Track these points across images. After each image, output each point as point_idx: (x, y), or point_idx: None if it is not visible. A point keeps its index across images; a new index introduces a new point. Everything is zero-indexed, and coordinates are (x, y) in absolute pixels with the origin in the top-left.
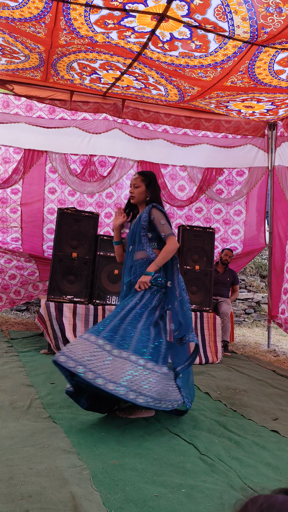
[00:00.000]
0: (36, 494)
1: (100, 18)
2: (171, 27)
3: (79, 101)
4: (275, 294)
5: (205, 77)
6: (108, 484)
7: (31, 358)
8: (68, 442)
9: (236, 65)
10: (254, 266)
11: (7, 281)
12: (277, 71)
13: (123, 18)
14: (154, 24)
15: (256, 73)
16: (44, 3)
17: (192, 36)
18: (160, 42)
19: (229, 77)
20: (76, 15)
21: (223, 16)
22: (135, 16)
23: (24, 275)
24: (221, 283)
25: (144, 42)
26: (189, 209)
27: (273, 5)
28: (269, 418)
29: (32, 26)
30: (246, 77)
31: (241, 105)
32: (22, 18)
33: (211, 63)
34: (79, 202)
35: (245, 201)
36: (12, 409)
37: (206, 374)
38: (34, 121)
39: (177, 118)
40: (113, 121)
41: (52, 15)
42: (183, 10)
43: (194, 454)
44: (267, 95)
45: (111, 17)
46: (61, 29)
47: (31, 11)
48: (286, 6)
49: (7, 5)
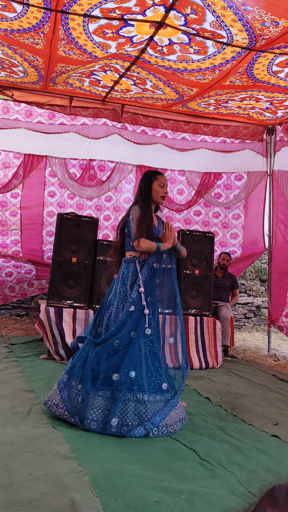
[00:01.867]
0: (35, 500)
1: (99, 27)
2: (170, 34)
3: (79, 107)
4: (275, 298)
5: (204, 79)
6: (108, 490)
7: (30, 363)
8: (67, 447)
9: (234, 67)
10: (254, 270)
11: (3, 278)
12: (275, 71)
13: (122, 28)
14: (152, 32)
15: (254, 74)
16: (42, 13)
17: (190, 42)
18: (158, 47)
19: (227, 77)
20: (75, 25)
21: (220, 27)
22: (133, 25)
23: (21, 273)
24: (221, 288)
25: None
26: (187, 213)
27: (269, 20)
28: (270, 423)
29: (30, 37)
30: (244, 77)
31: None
32: (21, 29)
33: (210, 66)
34: (78, 205)
35: (244, 205)
36: (12, 414)
37: (207, 378)
38: (34, 127)
39: (176, 123)
40: (113, 126)
41: (51, 24)
42: (180, 21)
43: (195, 459)
44: (265, 94)
45: (110, 26)
46: (60, 39)
47: (29, 21)
48: (282, 20)
49: (5, 17)
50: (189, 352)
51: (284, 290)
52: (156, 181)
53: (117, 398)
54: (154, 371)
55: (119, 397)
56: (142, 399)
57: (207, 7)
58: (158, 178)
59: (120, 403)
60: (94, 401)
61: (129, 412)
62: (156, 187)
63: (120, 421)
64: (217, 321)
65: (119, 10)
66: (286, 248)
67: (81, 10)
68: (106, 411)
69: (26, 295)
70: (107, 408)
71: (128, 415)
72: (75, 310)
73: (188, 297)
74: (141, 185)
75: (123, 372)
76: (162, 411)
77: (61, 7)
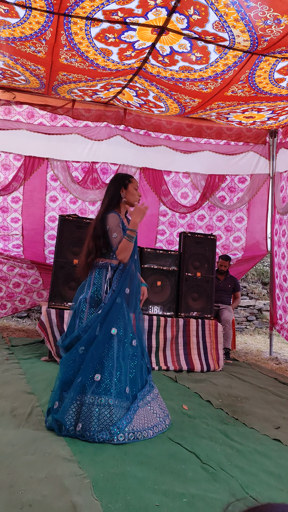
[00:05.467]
0: (36, 503)
1: (101, 31)
2: (171, 40)
3: (81, 109)
4: (277, 301)
5: (206, 89)
6: (109, 492)
7: (32, 365)
8: (68, 450)
9: (236, 74)
10: (256, 273)
11: (11, 289)
12: (277, 80)
13: (124, 32)
14: (154, 38)
15: (256, 82)
16: (45, 17)
17: (192, 49)
18: (160, 56)
19: (229, 87)
20: (77, 29)
21: (222, 29)
22: (135, 29)
23: (28, 283)
24: (222, 290)
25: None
26: (191, 217)
27: (271, 18)
28: (271, 426)
29: (32, 46)
30: (246, 86)
31: (241, 116)
32: (22, 36)
33: (212, 75)
34: (81, 210)
35: (247, 208)
36: (13, 416)
37: (208, 381)
38: (36, 128)
39: (178, 126)
40: (115, 127)
41: (53, 29)
42: (182, 23)
43: (196, 463)
44: (267, 104)
45: (112, 30)
46: (62, 45)
47: (32, 26)
48: (284, 17)
49: (8, 23)
50: (191, 354)
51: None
52: (131, 183)
53: (83, 402)
54: (122, 373)
55: (84, 401)
56: (107, 402)
57: (210, 5)
58: (133, 181)
59: (85, 407)
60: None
61: (93, 416)
62: (132, 190)
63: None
64: (219, 324)
65: (122, 12)
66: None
67: (84, 13)
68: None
69: (35, 304)
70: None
71: (92, 419)
72: None
73: (189, 300)
74: (116, 188)
75: (87, 375)
76: (127, 416)
77: (64, 10)
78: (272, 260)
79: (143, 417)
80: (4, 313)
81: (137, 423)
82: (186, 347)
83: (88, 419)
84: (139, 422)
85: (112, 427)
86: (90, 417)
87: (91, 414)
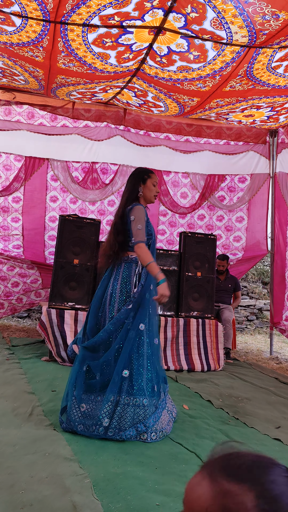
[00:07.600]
0: (37, 503)
1: (98, 37)
2: (168, 40)
3: (81, 109)
4: (278, 301)
5: (204, 87)
6: (109, 492)
7: (32, 365)
8: (69, 450)
9: (234, 70)
10: (256, 272)
11: (9, 289)
12: (275, 67)
13: (121, 35)
14: (151, 39)
15: (254, 74)
16: (41, 26)
17: (189, 48)
18: (158, 57)
19: (228, 82)
20: (74, 36)
21: (220, 26)
22: (132, 32)
23: (27, 283)
24: (223, 290)
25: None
26: (191, 217)
27: (269, 13)
28: (272, 426)
29: (30, 51)
30: (244, 79)
31: (241, 116)
32: (20, 42)
33: (210, 73)
34: (81, 210)
35: (247, 207)
36: (14, 416)
37: (209, 381)
38: (36, 128)
39: (178, 126)
40: (115, 128)
41: (50, 37)
42: (180, 22)
43: (197, 463)
44: (266, 100)
45: (109, 35)
46: (59, 52)
47: (29, 35)
48: (283, 13)
49: (5, 30)
50: (191, 354)
51: (282, 294)
52: (150, 179)
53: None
54: (150, 372)
55: (119, 401)
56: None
57: (207, 3)
58: (152, 176)
59: (119, 407)
60: None
61: (127, 416)
62: (150, 185)
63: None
64: (219, 324)
65: (118, 16)
66: (282, 251)
67: (80, 20)
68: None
69: (34, 304)
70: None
71: (126, 420)
72: (77, 312)
73: (190, 300)
74: (134, 183)
75: (118, 372)
76: (155, 414)
77: (60, 17)
78: (272, 259)
79: (164, 415)
80: (3, 312)
81: (162, 419)
82: (186, 347)
83: (123, 419)
84: (164, 419)
85: (139, 424)
86: (125, 417)
87: (126, 414)
